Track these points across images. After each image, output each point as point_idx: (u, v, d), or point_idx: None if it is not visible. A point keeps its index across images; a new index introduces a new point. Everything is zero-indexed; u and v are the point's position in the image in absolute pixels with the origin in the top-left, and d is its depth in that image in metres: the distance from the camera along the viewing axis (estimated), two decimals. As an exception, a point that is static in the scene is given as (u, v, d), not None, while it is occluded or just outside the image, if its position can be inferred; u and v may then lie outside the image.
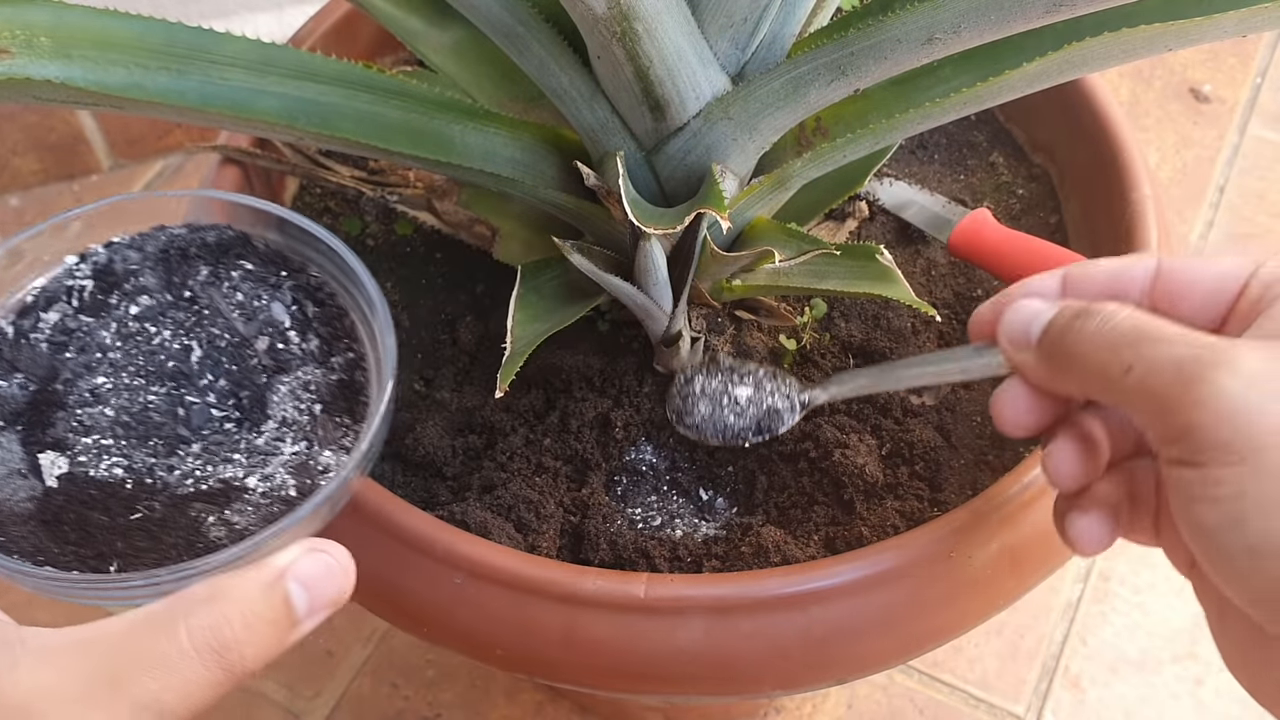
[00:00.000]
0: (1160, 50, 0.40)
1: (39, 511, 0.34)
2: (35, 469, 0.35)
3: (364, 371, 0.39)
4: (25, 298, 0.39)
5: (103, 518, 0.34)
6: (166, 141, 1.03)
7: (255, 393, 0.37)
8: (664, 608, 0.42)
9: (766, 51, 0.44)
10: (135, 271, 0.39)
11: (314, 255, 0.40)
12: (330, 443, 0.36)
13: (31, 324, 0.38)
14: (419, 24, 0.54)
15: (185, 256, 0.40)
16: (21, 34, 0.38)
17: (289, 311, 0.39)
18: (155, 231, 0.40)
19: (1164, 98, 1.09)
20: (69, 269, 0.39)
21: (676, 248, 0.48)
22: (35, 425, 0.36)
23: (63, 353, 0.37)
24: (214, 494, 0.35)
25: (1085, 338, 0.33)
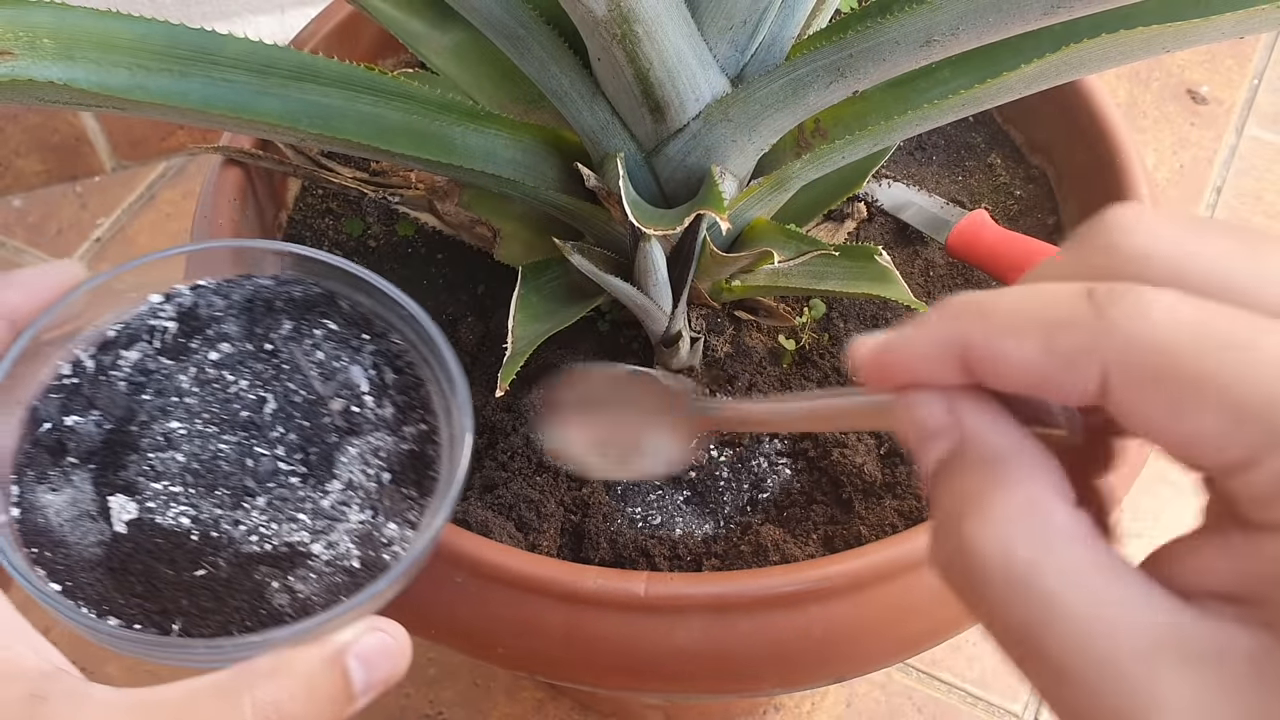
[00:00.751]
0: (1158, 52, 0.41)
1: (107, 558, 0.34)
2: (105, 512, 0.34)
3: (435, 445, 0.37)
4: (107, 332, 0.38)
5: (169, 571, 0.33)
6: (169, 143, 1.03)
7: (324, 451, 0.36)
8: (664, 606, 0.42)
9: (766, 53, 0.44)
10: (219, 318, 0.38)
11: (396, 321, 0.39)
12: (395, 515, 0.36)
13: (112, 360, 0.37)
14: (420, 26, 0.54)
15: (270, 308, 0.39)
16: (24, 36, 0.39)
17: (367, 375, 0.38)
18: (242, 279, 0.39)
19: (1161, 99, 1.09)
20: (153, 308, 0.38)
21: (676, 248, 0.48)
22: (108, 466, 0.35)
23: (140, 393, 0.37)
24: (279, 557, 0.34)
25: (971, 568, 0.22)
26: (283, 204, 0.60)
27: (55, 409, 0.36)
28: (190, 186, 1.02)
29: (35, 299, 0.36)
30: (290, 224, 0.60)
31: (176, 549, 0.34)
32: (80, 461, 0.35)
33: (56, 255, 0.98)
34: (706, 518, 0.50)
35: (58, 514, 0.34)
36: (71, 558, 0.33)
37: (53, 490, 0.35)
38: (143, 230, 1.00)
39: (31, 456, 0.35)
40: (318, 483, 0.36)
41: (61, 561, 0.33)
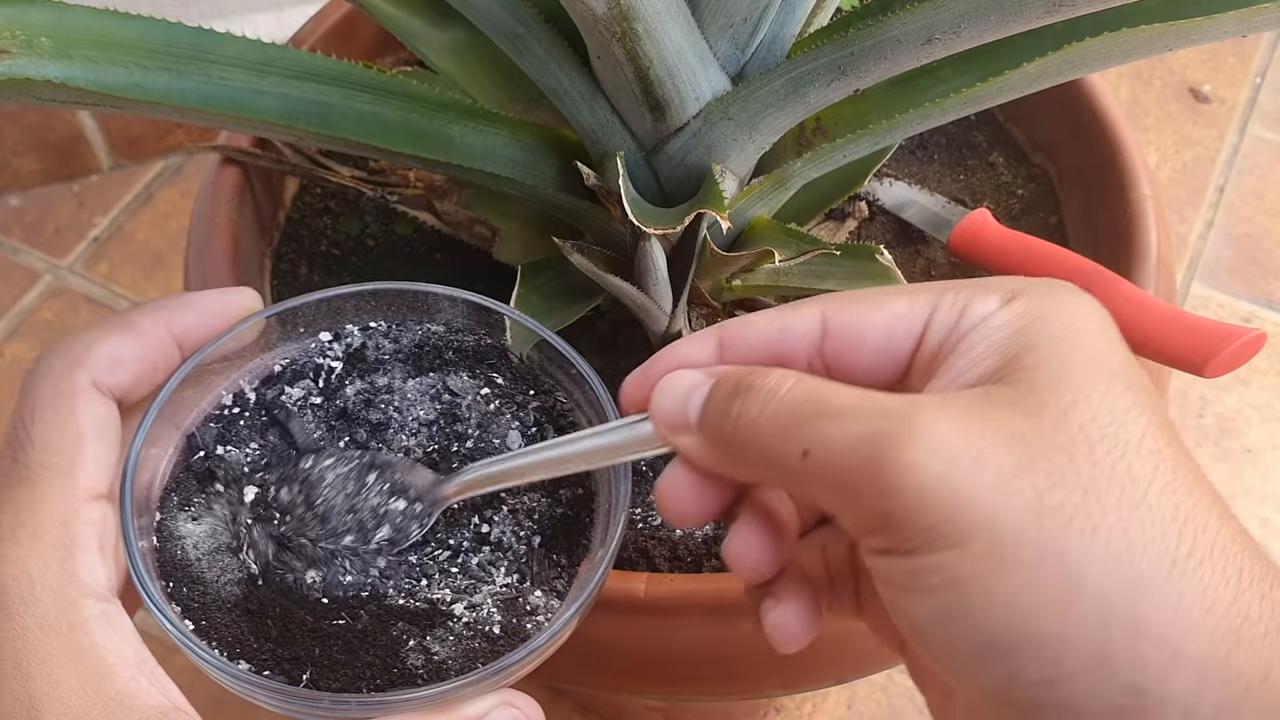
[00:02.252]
0: (1160, 50, 0.40)
1: (245, 599, 0.32)
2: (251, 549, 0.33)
3: (591, 512, 0.36)
4: (275, 366, 0.37)
5: (308, 617, 0.32)
6: (167, 142, 1.03)
7: (474, 509, 0.35)
8: (664, 607, 0.42)
9: (766, 52, 0.44)
10: (385, 362, 0.37)
11: (564, 380, 0.37)
12: (543, 582, 0.34)
13: (275, 395, 0.36)
14: (419, 24, 0.54)
15: (439, 356, 0.38)
16: (22, 34, 0.38)
17: (528, 432, 0.37)
18: (413, 324, 0.38)
19: (1164, 98, 1.09)
20: (322, 346, 0.37)
21: (676, 248, 0.48)
22: (256, 503, 0.34)
23: (300, 431, 0.36)
24: (419, 614, 0.33)
25: (750, 419, 0.28)
26: (281, 203, 0.60)
27: (211, 438, 0.35)
28: (188, 185, 1.02)
29: (208, 323, 0.35)
30: (288, 223, 0.60)
31: (318, 596, 0.33)
32: (227, 493, 0.34)
33: (54, 255, 0.97)
34: (707, 518, 0.50)
35: (196, 546, 0.33)
36: (206, 595, 0.32)
37: (194, 519, 0.33)
38: (140, 229, 0.99)
39: (180, 482, 0.34)
40: (464, 540, 0.35)
41: (196, 599, 0.32)
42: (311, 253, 0.59)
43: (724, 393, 0.29)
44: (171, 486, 0.34)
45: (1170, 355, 0.49)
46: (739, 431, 0.28)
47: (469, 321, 0.38)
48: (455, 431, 0.36)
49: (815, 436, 0.26)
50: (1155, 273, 0.51)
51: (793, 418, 0.27)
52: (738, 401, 0.28)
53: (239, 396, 0.36)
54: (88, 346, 0.33)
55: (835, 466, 0.26)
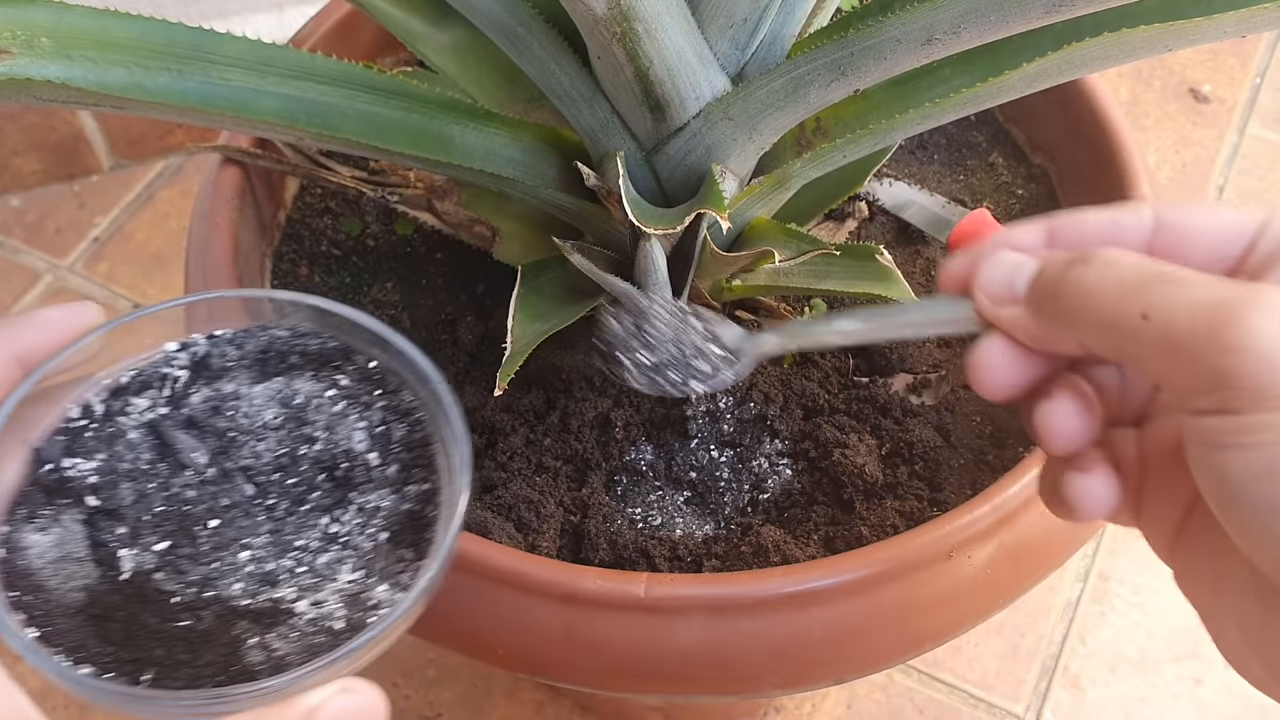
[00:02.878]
0: (1159, 50, 0.40)
1: (89, 604, 0.33)
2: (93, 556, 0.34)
3: (435, 506, 0.37)
4: (120, 378, 0.37)
5: (151, 619, 0.33)
6: (167, 142, 1.03)
7: (323, 508, 0.36)
8: (664, 607, 0.42)
9: (766, 52, 0.44)
10: (230, 369, 0.38)
11: (409, 378, 0.38)
12: (388, 576, 0.35)
13: (121, 406, 0.37)
14: (419, 24, 0.54)
15: (284, 361, 0.38)
16: (22, 34, 0.38)
17: (375, 432, 0.38)
18: (258, 330, 0.39)
19: (1163, 98, 1.09)
20: (167, 356, 0.38)
21: (676, 248, 0.48)
22: (102, 511, 0.35)
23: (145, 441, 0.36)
24: (262, 613, 0.34)
25: (1088, 285, 0.30)
26: (281, 203, 0.60)
27: (58, 451, 0.36)
28: (188, 185, 1.02)
29: (50, 339, 0.35)
30: (288, 223, 0.60)
31: (160, 599, 0.34)
32: (74, 503, 0.35)
33: (55, 255, 0.97)
34: (707, 518, 0.50)
35: (41, 555, 0.34)
36: (51, 602, 0.33)
37: (40, 530, 0.34)
38: (140, 229, 0.99)
39: (27, 496, 0.35)
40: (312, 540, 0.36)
41: (41, 606, 0.33)
42: (312, 253, 0.59)
43: (1060, 263, 0.31)
44: (18, 500, 0.35)
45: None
46: (1075, 297, 0.30)
47: (313, 325, 0.39)
48: (302, 434, 0.37)
49: (1158, 300, 0.28)
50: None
51: (1136, 281, 0.29)
52: (1076, 269, 0.30)
53: (86, 409, 0.37)
54: None
55: (1177, 328, 0.28)
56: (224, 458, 0.37)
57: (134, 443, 0.36)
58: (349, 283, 0.59)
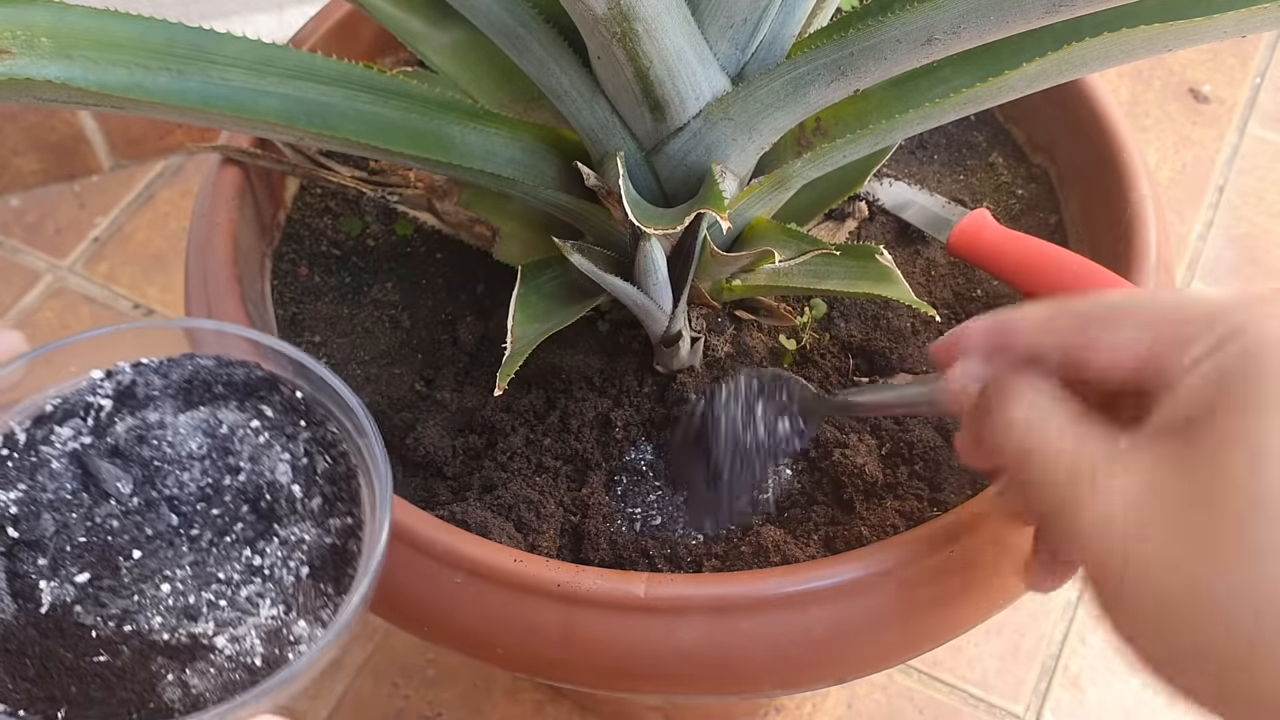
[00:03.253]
0: (1159, 50, 0.40)
1: (5, 639, 0.33)
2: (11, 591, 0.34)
3: (358, 541, 0.36)
4: (45, 406, 0.37)
5: (67, 654, 0.33)
6: (167, 142, 1.03)
7: (245, 541, 0.36)
8: (664, 607, 0.42)
9: (766, 52, 0.44)
10: (155, 398, 0.38)
11: (334, 410, 0.38)
12: (308, 611, 0.35)
13: (44, 435, 0.36)
14: (419, 24, 0.54)
15: (208, 390, 0.38)
16: (22, 34, 0.38)
17: (298, 464, 0.37)
18: (184, 359, 0.38)
19: (1163, 98, 1.09)
20: (92, 384, 0.38)
21: (676, 248, 0.48)
22: (22, 543, 0.34)
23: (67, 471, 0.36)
24: (179, 649, 0.33)
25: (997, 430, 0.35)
26: (281, 203, 0.60)
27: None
28: (188, 185, 1.02)
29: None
30: (288, 223, 0.60)
31: (79, 633, 0.33)
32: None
33: (55, 255, 0.97)
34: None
35: None
36: None
37: None
38: (141, 229, 0.99)
39: None
40: (234, 573, 0.35)
41: None
42: (312, 253, 0.59)
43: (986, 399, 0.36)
44: None
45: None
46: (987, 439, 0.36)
47: (240, 354, 0.39)
48: (227, 464, 0.37)
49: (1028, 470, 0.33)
50: (1155, 273, 0.51)
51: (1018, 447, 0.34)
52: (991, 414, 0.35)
53: (8, 437, 0.36)
54: None
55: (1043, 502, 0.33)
56: (148, 487, 0.36)
57: (57, 472, 0.36)
58: (349, 282, 0.59)
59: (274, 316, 0.56)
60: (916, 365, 0.54)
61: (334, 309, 0.57)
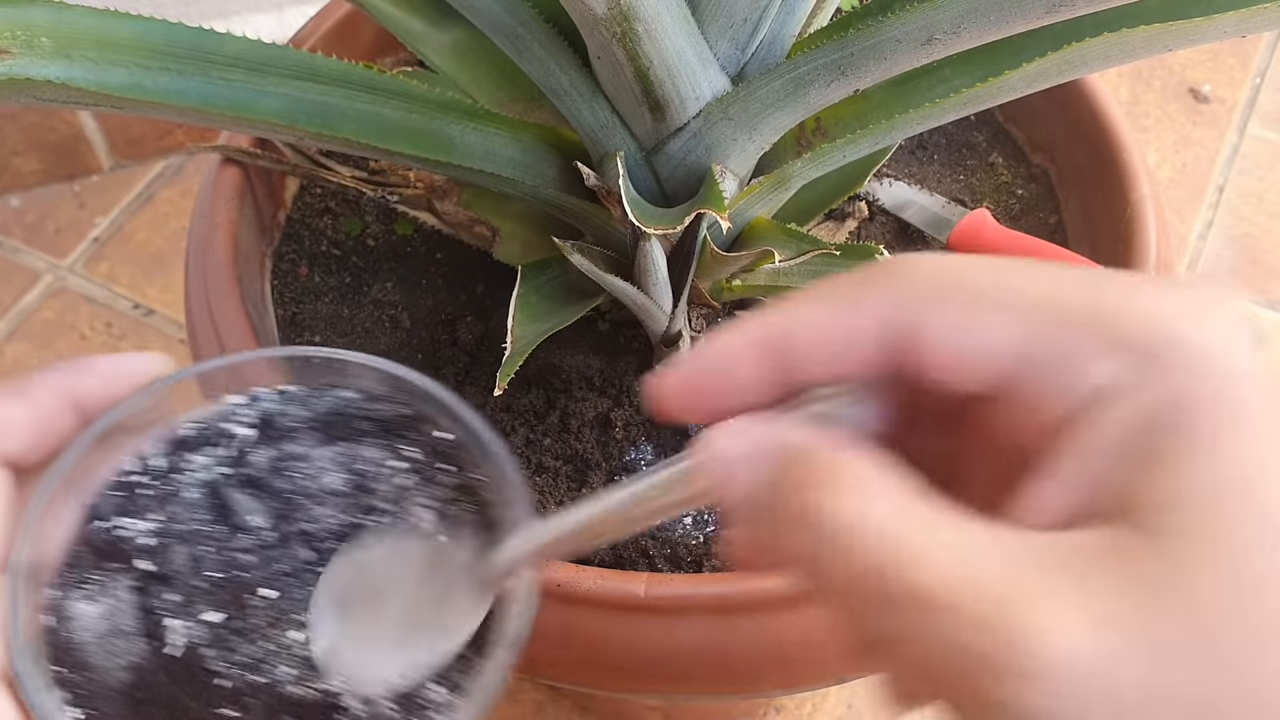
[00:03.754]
0: (1159, 50, 0.40)
1: (133, 685, 0.31)
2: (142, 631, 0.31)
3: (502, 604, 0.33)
4: (181, 431, 0.34)
5: (193, 704, 0.30)
6: (167, 142, 1.03)
7: None
8: (664, 607, 0.42)
9: (766, 52, 0.44)
10: (296, 430, 0.35)
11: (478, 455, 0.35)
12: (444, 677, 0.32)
13: (180, 463, 0.34)
14: (419, 24, 0.54)
15: (351, 425, 0.35)
16: (22, 34, 0.38)
17: (445, 512, 0.34)
18: (327, 390, 0.35)
19: (1163, 98, 1.09)
20: (233, 409, 0.35)
21: (676, 248, 0.48)
22: (154, 580, 0.32)
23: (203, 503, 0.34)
24: (310, 706, 0.31)
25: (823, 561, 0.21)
26: (281, 203, 0.60)
27: (111, 508, 0.33)
28: (188, 185, 1.02)
29: (111, 388, 0.33)
30: (288, 223, 0.60)
31: (206, 681, 0.31)
32: (125, 568, 0.32)
33: (55, 255, 0.97)
34: (707, 518, 0.50)
35: (89, 629, 0.31)
36: (95, 681, 0.30)
37: (89, 599, 0.32)
38: (141, 229, 0.99)
39: (78, 557, 0.32)
40: None
41: (84, 686, 0.30)
42: (312, 253, 0.59)
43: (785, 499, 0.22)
44: (69, 561, 0.32)
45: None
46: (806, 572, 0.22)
47: (386, 390, 0.36)
48: (365, 505, 0.34)
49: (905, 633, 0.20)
50: (1155, 273, 0.51)
51: (875, 593, 0.20)
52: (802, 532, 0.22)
53: (143, 463, 0.34)
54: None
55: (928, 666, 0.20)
56: (283, 522, 0.34)
57: (191, 502, 0.33)
58: (349, 282, 0.59)
59: (274, 316, 0.57)
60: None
61: (334, 309, 0.57)
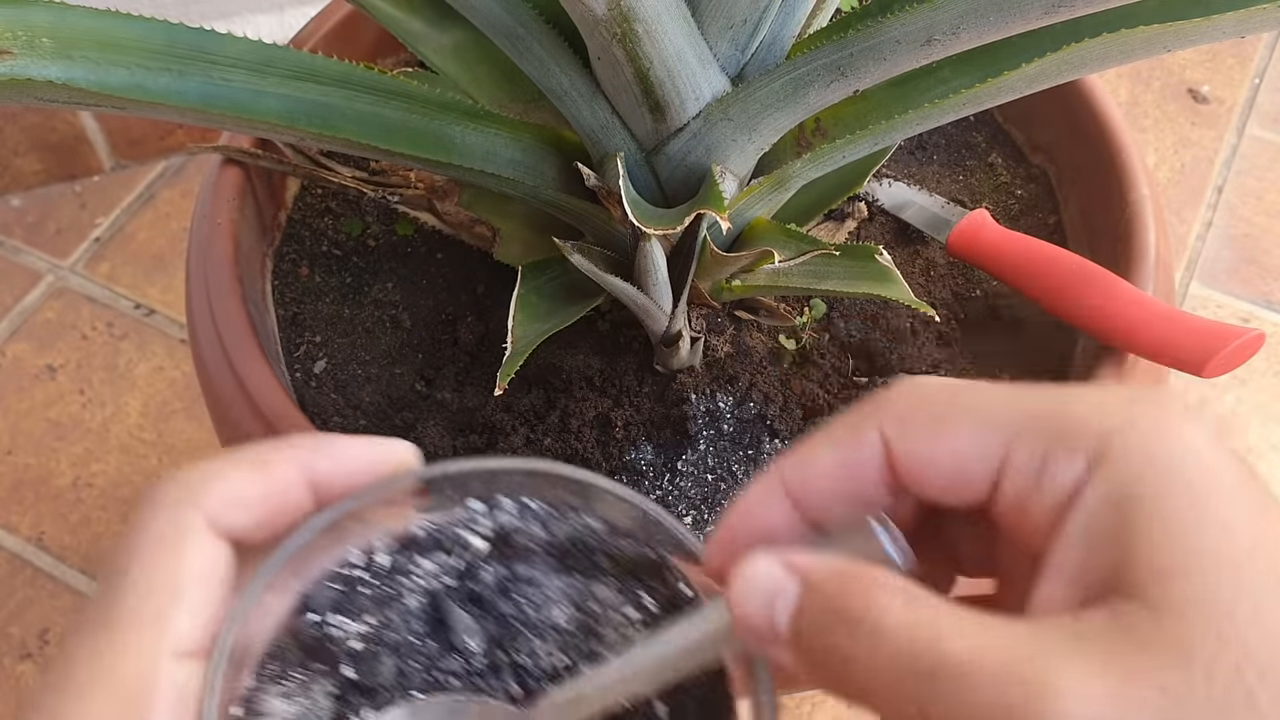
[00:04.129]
0: (1158, 51, 0.40)
1: None
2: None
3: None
4: (416, 530, 0.31)
5: None
6: (168, 142, 1.03)
7: None
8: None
9: (766, 53, 0.44)
10: (532, 552, 0.32)
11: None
12: None
13: (406, 564, 0.31)
14: (420, 25, 0.54)
15: (589, 559, 0.32)
16: (23, 35, 0.38)
17: None
18: (571, 514, 0.32)
19: (1162, 98, 1.09)
20: (470, 516, 0.32)
21: (676, 248, 0.48)
22: (357, 689, 0.30)
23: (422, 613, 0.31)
24: None
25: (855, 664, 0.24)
26: (282, 203, 0.60)
27: (327, 602, 0.30)
28: (189, 186, 1.02)
29: (351, 473, 0.30)
30: (289, 223, 0.60)
31: None
32: (329, 671, 0.30)
33: (56, 255, 0.98)
34: (707, 518, 0.50)
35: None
36: None
37: (286, 697, 0.29)
38: (142, 229, 1.00)
39: (283, 650, 0.30)
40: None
41: None
42: (313, 253, 0.59)
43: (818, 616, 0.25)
44: (273, 652, 0.29)
45: (1169, 355, 0.49)
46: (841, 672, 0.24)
47: (634, 526, 0.32)
48: (589, 649, 0.31)
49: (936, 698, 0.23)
50: (1154, 273, 0.51)
51: (906, 670, 0.23)
52: (837, 635, 0.24)
53: (368, 558, 0.31)
54: (206, 481, 0.29)
55: None
56: (499, 649, 0.31)
57: (409, 610, 0.31)
58: (349, 282, 0.59)
59: (275, 316, 0.57)
60: (916, 365, 0.54)
61: (335, 309, 0.57)
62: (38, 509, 0.83)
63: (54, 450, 0.86)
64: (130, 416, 0.88)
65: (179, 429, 0.87)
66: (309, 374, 0.55)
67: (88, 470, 0.85)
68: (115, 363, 0.91)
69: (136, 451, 0.86)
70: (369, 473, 0.30)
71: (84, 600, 0.79)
